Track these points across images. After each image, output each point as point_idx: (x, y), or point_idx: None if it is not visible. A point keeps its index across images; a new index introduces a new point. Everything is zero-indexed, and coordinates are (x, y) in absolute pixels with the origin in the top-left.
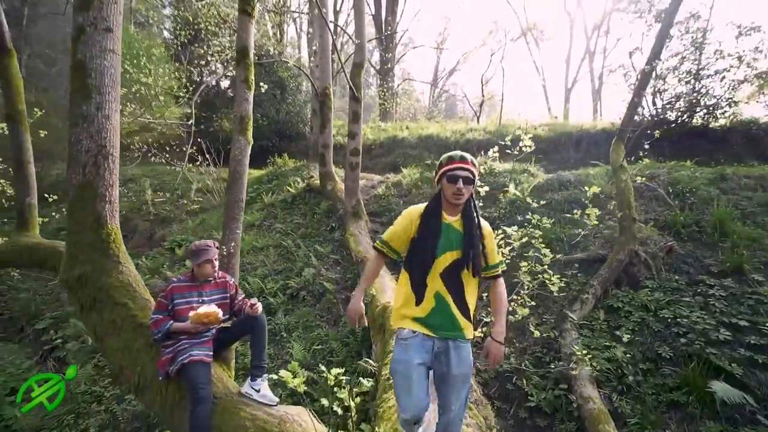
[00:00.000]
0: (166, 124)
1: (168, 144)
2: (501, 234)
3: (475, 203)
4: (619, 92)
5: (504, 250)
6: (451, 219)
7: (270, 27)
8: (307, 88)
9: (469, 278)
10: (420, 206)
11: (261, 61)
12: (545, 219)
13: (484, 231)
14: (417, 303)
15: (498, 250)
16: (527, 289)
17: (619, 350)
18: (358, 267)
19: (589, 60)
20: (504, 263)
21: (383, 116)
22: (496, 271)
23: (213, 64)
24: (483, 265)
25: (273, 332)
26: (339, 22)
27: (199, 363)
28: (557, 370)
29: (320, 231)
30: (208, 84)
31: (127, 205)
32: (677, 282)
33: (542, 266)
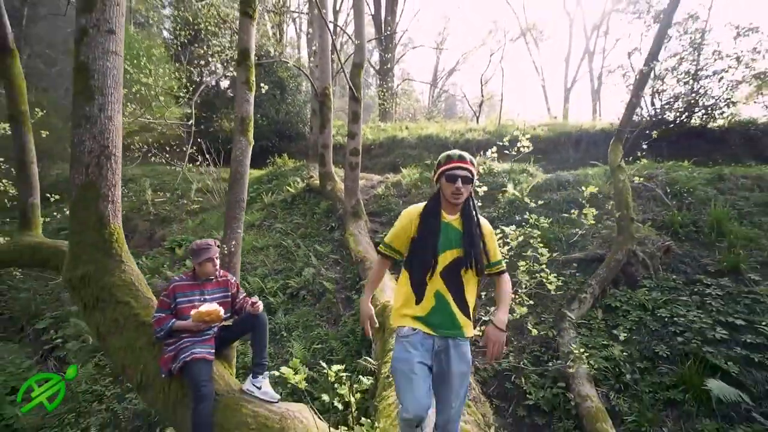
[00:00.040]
0: (166, 125)
1: (168, 144)
2: (499, 233)
3: (474, 202)
4: (618, 92)
5: (502, 250)
6: (451, 218)
7: (270, 27)
8: (307, 89)
9: (469, 277)
10: (419, 206)
11: (261, 62)
12: (543, 219)
13: (484, 229)
14: (417, 302)
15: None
16: (525, 288)
17: (617, 349)
18: (358, 267)
19: (589, 60)
20: (503, 262)
21: (383, 116)
22: (500, 267)
23: (213, 64)
24: (485, 263)
25: (273, 331)
26: (338, 22)
27: (201, 361)
28: (555, 369)
29: (320, 231)
30: (208, 84)
31: (128, 205)
32: (674, 281)
33: (540, 265)
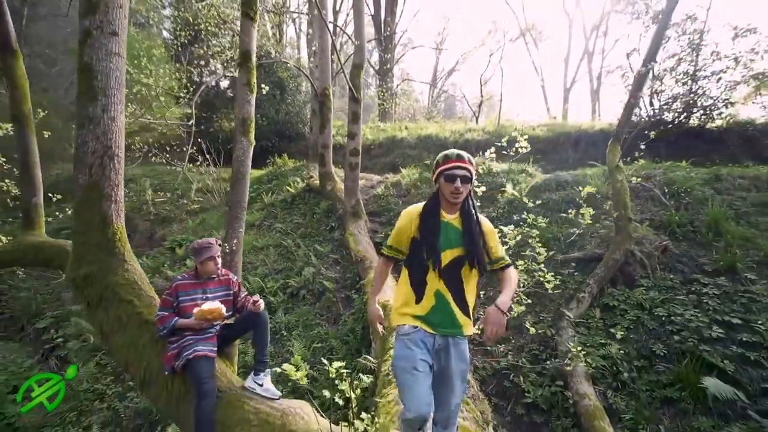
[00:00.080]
0: (167, 125)
1: (168, 144)
2: (498, 233)
3: (473, 201)
4: (618, 93)
5: None
6: (450, 217)
7: (270, 27)
8: (307, 89)
9: (469, 275)
10: (418, 205)
11: (261, 62)
12: (540, 218)
13: (485, 227)
14: (417, 301)
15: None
16: (523, 287)
17: (615, 348)
18: (358, 266)
19: (588, 60)
20: (507, 257)
21: (382, 116)
22: (504, 262)
23: (213, 65)
24: (486, 261)
25: (273, 331)
26: (338, 22)
27: (204, 358)
28: (553, 367)
29: (320, 231)
30: (208, 84)
31: (128, 205)
32: (672, 281)
33: (538, 264)
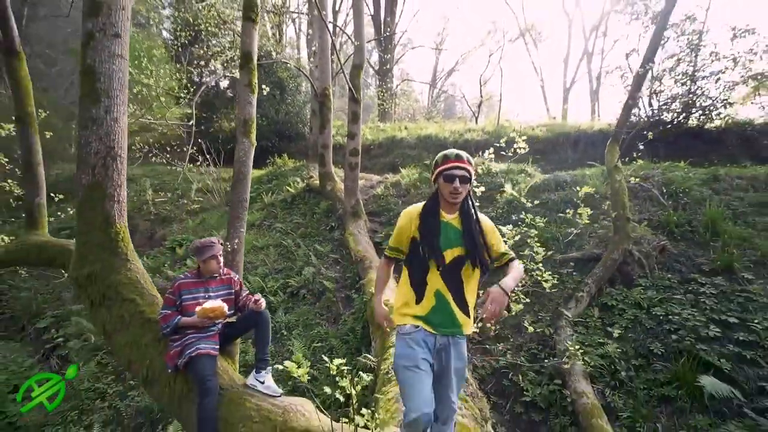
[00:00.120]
0: (167, 125)
1: (168, 144)
2: None
3: (473, 201)
4: (617, 93)
5: None
6: (450, 217)
7: (269, 27)
8: (307, 89)
9: (469, 275)
10: (418, 205)
11: (261, 62)
12: (538, 218)
13: (485, 226)
14: (417, 301)
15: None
16: (522, 286)
17: (613, 347)
18: (357, 266)
19: (587, 61)
20: (510, 251)
21: (382, 116)
22: (508, 257)
23: (213, 65)
24: (487, 259)
25: (273, 330)
26: (338, 22)
27: (206, 356)
28: (551, 365)
29: (320, 230)
30: (208, 84)
31: (129, 205)
32: (669, 280)
33: (536, 264)
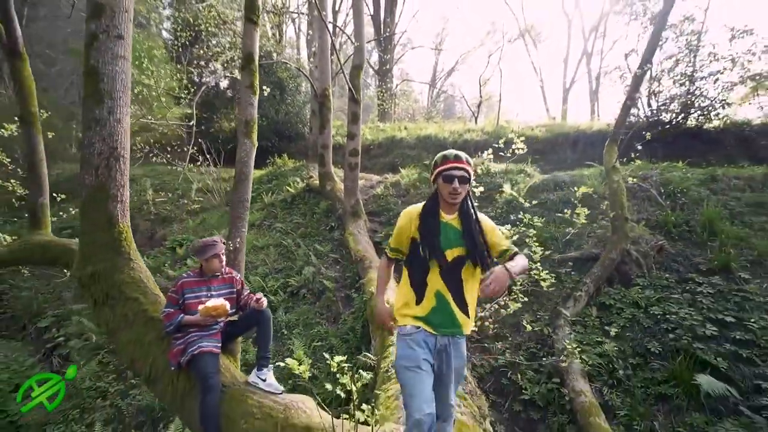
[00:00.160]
0: (167, 125)
1: (169, 144)
2: None
3: (472, 201)
4: (616, 93)
5: None
6: (449, 218)
7: (269, 27)
8: (306, 89)
9: (469, 275)
10: (418, 206)
11: (261, 62)
12: (536, 218)
13: (484, 225)
14: (417, 302)
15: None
16: (520, 285)
17: (611, 345)
18: (357, 266)
19: (587, 61)
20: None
21: (382, 117)
22: (511, 252)
23: (213, 65)
24: (488, 258)
25: (274, 329)
26: (338, 22)
27: (209, 354)
28: (549, 364)
29: (320, 230)
30: (208, 85)
31: (129, 205)
32: (667, 280)
33: (534, 263)
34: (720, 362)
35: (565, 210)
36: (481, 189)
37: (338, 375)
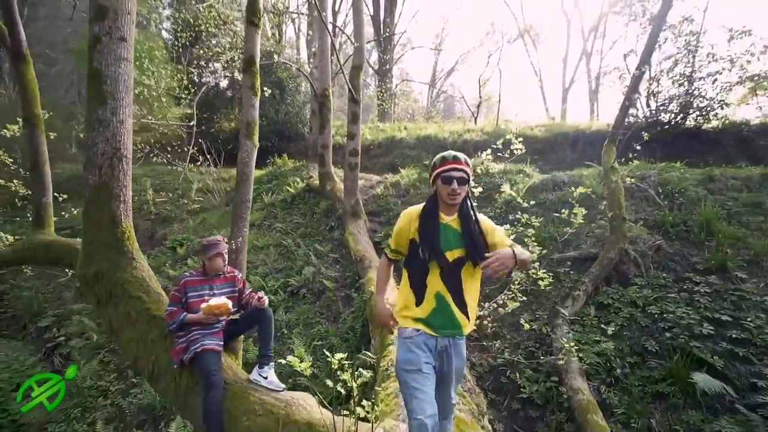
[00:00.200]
0: (168, 125)
1: (169, 144)
2: None
3: (471, 202)
4: (615, 93)
5: None
6: (449, 219)
7: (269, 28)
8: (306, 89)
9: (468, 276)
10: (417, 207)
11: (261, 63)
12: (534, 218)
13: (484, 226)
14: (417, 303)
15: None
16: (518, 285)
17: (608, 344)
18: (357, 265)
19: (586, 61)
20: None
21: (381, 117)
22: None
23: (212, 65)
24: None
25: (274, 329)
26: (337, 22)
27: (211, 351)
28: (547, 362)
29: (320, 230)
30: (208, 85)
31: None
32: (665, 279)
33: (532, 263)
34: (716, 361)
35: (563, 210)
36: (480, 189)
37: (339, 372)
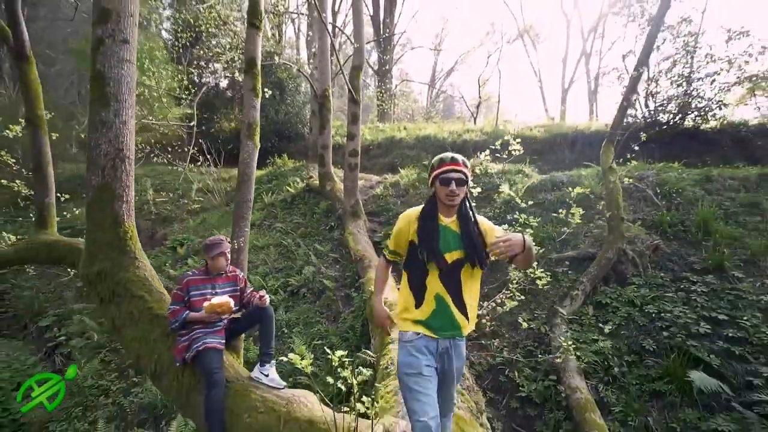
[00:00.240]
0: (168, 125)
1: (169, 144)
2: None
3: (470, 203)
4: (615, 94)
5: None
6: (448, 221)
7: (269, 28)
8: (306, 89)
9: (467, 277)
10: (416, 209)
11: (261, 63)
12: (532, 218)
13: (484, 228)
14: (417, 306)
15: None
16: (517, 284)
17: (606, 343)
18: (357, 265)
19: (586, 61)
20: None
21: (381, 117)
22: None
23: (213, 65)
24: (488, 260)
25: (274, 327)
26: (337, 23)
27: (213, 350)
28: (545, 361)
29: (319, 230)
30: (208, 85)
31: None
32: (662, 279)
33: None
34: (713, 359)
35: (562, 210)
36: (479, 189)
37: (339, 369)
